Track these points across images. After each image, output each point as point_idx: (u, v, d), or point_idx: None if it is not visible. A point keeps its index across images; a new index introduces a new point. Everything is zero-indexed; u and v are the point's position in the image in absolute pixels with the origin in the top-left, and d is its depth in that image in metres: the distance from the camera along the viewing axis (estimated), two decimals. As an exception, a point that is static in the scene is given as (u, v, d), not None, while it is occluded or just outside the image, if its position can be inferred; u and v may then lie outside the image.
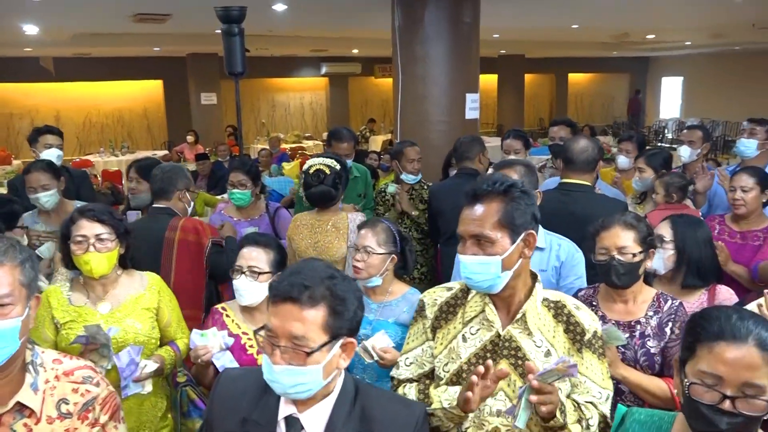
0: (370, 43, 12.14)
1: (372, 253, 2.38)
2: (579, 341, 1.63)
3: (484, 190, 1.60)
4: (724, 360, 1.19)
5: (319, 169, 2.99)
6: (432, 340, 1.74)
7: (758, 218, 3.11)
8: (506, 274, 1.59)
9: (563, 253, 2.51)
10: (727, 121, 16.70)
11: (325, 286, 1.29)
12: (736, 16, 9.08)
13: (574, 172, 2.91)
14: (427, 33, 5.48)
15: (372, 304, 2.44)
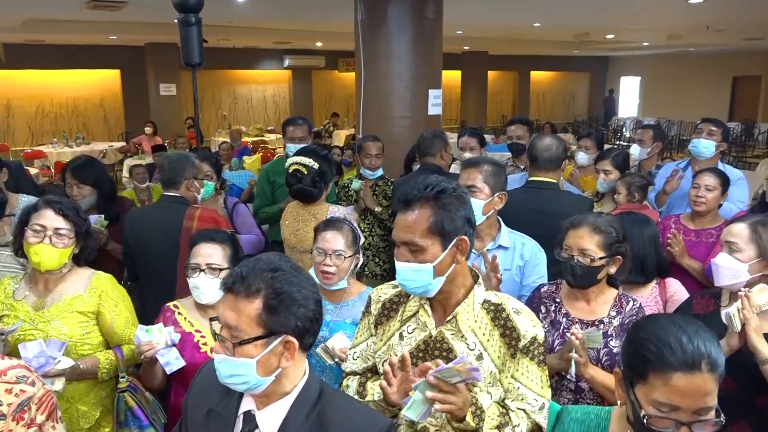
0: (334, 37, 12.04)
1: (343, 257, 2.33)
2: (514, 347, 1.60)
3: (414, 195, 1.57)
4: (682, 392, 1.19)
5: (297, 169, 3.04)
6: (375, 336, 1.74)
7: (713, 217, 3.19)
8: (439, 280, 1.58)
9: (527, 252, 2.51)
10: (682, 121, 17.17)
11: (263, 279, 1.27)
12: (692, 19, 9.33)
13: (540, 170, 2.93)
14: (391, 28, 5.45)
15: (329, 305, 2.39)
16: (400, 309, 1.71)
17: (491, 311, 1.64)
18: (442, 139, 3.77)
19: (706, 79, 18.65)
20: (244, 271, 1.29)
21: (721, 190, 3.13)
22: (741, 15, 8.85)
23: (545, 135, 3.08)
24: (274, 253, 1.41)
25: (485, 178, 2.46)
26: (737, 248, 2.05)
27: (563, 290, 2.21)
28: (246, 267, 1.31)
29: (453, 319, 1.62)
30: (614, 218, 2.18)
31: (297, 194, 3.09)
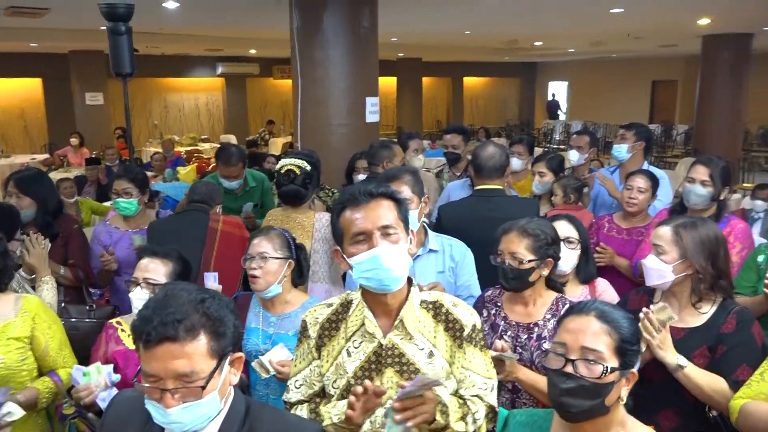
0: (268, 44, 11.92)
1: (268, 258, 2.31)
2: (459, 337, 1.67)
3: (375, 191, 1.62)
4: (568, 328, 1.39)
5: (290, 169, 3.11)
6: (318, 359, 1.71)
7: (643, 217, 3.36)
8: (409, 266, 1.62)
9: (456, 254, 2.57)
10: (607, 124, 17.95)
11: (199, 312, 1.22)
12: (613, 26, 9.79)
13: (486, 178, 3.01)
14: (327, 36, 5.45)
15: (271, 317, 2.37)
16: (341, 326, 1.70)
17: (431, 309, 1.69)
18: (388, 150, 3.76)
19: (627, 84, 19.58)
20: (176, 316, 1.20)
21: (651, 192, 3.30)
22: (657, 24, 9.37)
23: (487, 144, 3.17)
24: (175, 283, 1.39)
25: (412, 188, 2.51)
26: (662, 250, 2.14)
27: (505, 294, 2.27)
28: (170, 308, 1.21)
29: (400, 323, 1.64)
30: (546, 222, 2.26)
31: (287, 194, 3.13)
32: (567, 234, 2.59)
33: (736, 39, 10.24)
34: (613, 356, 1.37)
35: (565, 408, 1.37)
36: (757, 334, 2.05)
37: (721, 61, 10.43)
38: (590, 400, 1.35)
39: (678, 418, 2.09)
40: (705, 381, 1.96)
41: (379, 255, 1.57)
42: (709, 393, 1.96)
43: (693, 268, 2.10)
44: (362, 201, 1.60)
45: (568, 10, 7.85)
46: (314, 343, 1.71)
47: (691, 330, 2.09)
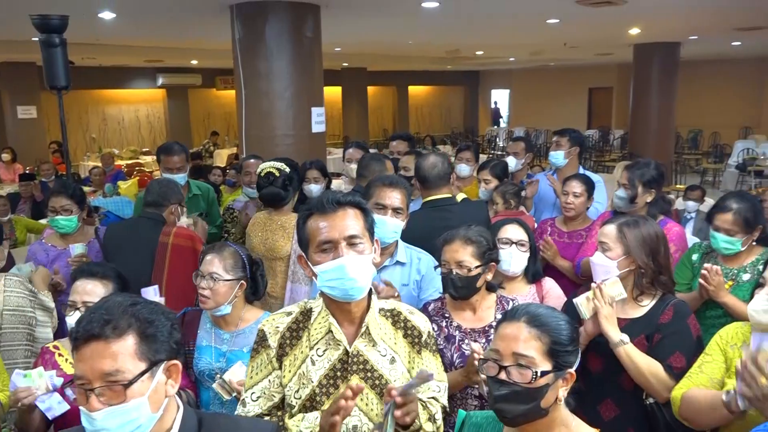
0: (210, 54, 11.73)
1: (219, 280, 2.26)
2: (418, 343, 1.72)
3: (342, 199, 1.64)
4: (501, 335, 1.43)
5: (270, 171, 3.17)
6: (279, 369, 1.68)
7: (582, 220, 3.48)
8: (373, 275, 1.65)
9: (423, 267, 2.57)
10: (548, 130, 18.47)
11: (128, 314, 1.22)
12: (551, 36, 10.11)
13: (433, 188, 3.01)
14: (269, 47, 5.43)
15: (224, 335, 2.33)
16: (303, 335, 1.68)
17: (389, 317, 1.74)
18: (381, 163, 3.66)
19: (566, 91, 20.23)
20: (105, 315, 1.21)
21: (587, 195, 3.42)
22: (591, 34, 9.75)
23: (428, 154, 3.17)
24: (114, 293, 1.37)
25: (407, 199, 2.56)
26: (608, 247, 2.25)
27: (449, 304, 2.30)
28: (101, 311, 1.22)
29: (366, 331, 1.66)
30: (482, 228, 2.32)
31: (267, 196, 3.19)
32: (519, 237, 2.68)
33: (664, 48, 10.75)
34: (545, 360, 1.39)
35: (501, 414, 1.41)
36: (692, 325, 2.16)
37: (652, 69, 10.93)
38: (524, 404, 1.37)
39: (617, 406, 2.18)
40: (643, 361, 2.06)
41: (344, 265, 1.58)
42: (645, 373, 2.04)
43: (636, 264, 2.21)
44: (329, 209, 1.62)
45: (507, 20, 8.07)
46: (275, 353, 1.68)
47: (632, 321, 2.19)
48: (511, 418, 1.40)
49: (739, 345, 1.94)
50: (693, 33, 9.84)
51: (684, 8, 7.08)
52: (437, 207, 2.98)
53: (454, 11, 7.09)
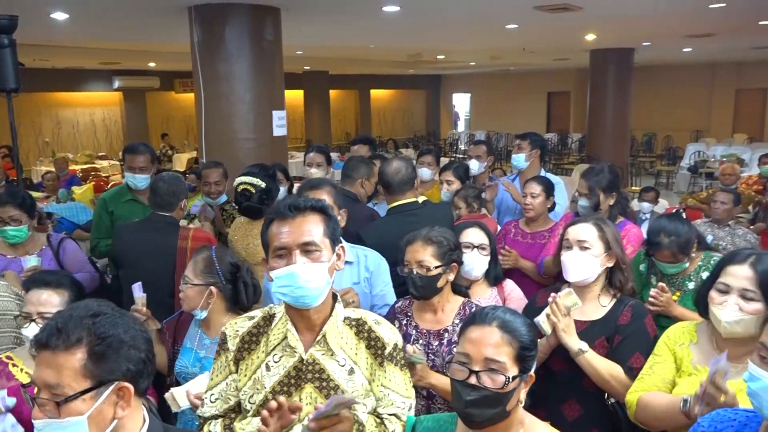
0: (168, 57, 11.53)
1: (188, 284, 2.27)
2: (380, 355, 1.67)
3: (303, 204, 1.62)
4: (471, 339, 1.42)
5: (245, 188, 3.26)
6: (235, 373, 1.67)
7: (544, 221, 3.53)
8: (329, 283, 1.62)
9: (371, 264, 2.59)
10: (508, 133, 18.76)
11: (83, 326, 1.17)
12: (510, 41, 10.28)
13: (397, 193, 3.02)
14: (229, 50, 5.37)
15: (206, 340, 2.31)
16: (262, 340, 1.66)
17: (354, 326, 1.69)
18: (368, 167, 3.64)
19: (525, 95, 20.59)
20: (59, 323, 1.17)
21: (545, 195, 3.47)
22: (549, 39, 9.94)
23: (391, 159, 3.17)
24: (92, 299, 1.31)
25: (335, 199, 2.55)
26: (589, 245, 2.25)
27: (414, 304, 2.33)
28: (61, 318, 1.18)
29: (322, 339, 1.63)
30: (446, 229, 2.34)
31: (246, 211, 3.30)
32: (480, 241, 2.71)
33: (619, 53, 11.04)
34: (514, 365, 1.40)
35: (469, 418, 1.41)
36: (649, 325, 2.22)
37: (608, 74, 11.21)
38: (493, 408, 1.39)
39: (580, 406, 2.21)
40: (603, 366, 2.09)
41: (295, 272, 1.56)
42: (606, 377, 2.08)
43: (614, 260, 2.25)
44: (288, 215, 1.60)
45: (467, 25, 8.16)
46: (232, 356, 1.67)
47: (592, 323, 2.23)
48: (480, 422, 1.40)
49: (686, 344, 1.98)
50: (646, 39, 10.14)
51: (637, 15, 7.28)
52: (403, 212, 2.99)
53: (415, 15, 7.13)
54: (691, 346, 1.98)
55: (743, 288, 1.85)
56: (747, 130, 16.63)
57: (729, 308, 1.85)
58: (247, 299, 2.36)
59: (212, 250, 2.38)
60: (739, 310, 1.83)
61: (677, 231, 2.57)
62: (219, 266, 2.32)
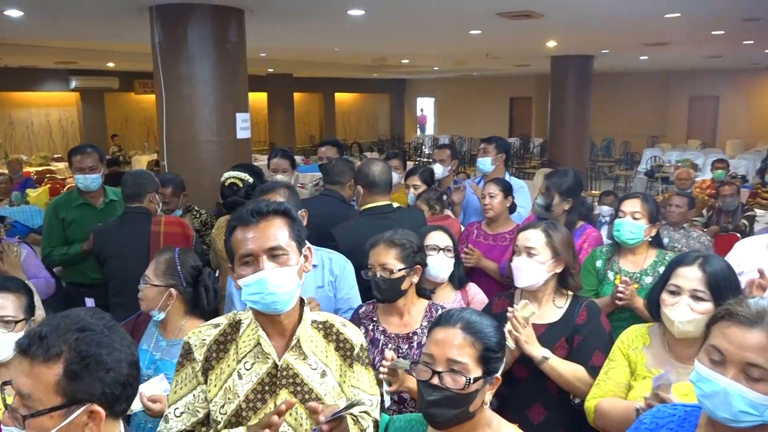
0: (128, 57, 11.29)
1: (147, 284, 2.24)
2: (350, 357, 1.69)
3: (266, 209, 1.60)
4: (436, 340, 1.43)
5: (233, 182, 3.35)
6: (204, 384, 1.62)
7: (506, 222, 3.58)
8: (299, 287, 1.60)
9: (336, 267, 2.58)
10: (471, 138, 18.96)
11: (66, 340, 1.11)
12: (473, 47, 10.40)
13: (380, 194, 3.00)
14: (191, 51, 5.28)
15: (162, 341, 2.26)
16: (231, 348, 1.63)
17: (321, 329, 1.69)
18: (353, 170, 3.58)
19: (488, 100, 20.86)
20: (44, 331, 1.11)
21: (503, 196, 3.51)
22: (511, 45, 10.10)
23: (372, 161, 3.13)
24: (86, 308, 1.25)
25: (287, 201, 2.49)
26: (536, 252, 2.29)
27: (379, 308, 2.32)
28: (48, 326, 1.13)
29: (297, 343, 1.62)
30: (409, 232, 2.35)
31: (230, 205, 3.35)
32: (446, 243, 2.72)
33: (579, 60, 11.28)
34: (477, 366, 1.41)
35: (431, 418, 1.43)
36: (604, 322, 2.28)
37: (568, 80, 11.43)
38: (455, 409, 1.40)
39: (545, 410, 2.24)
40: (567, 369, 2.13)
41: (264, 278, 1.54)
42: (571, 380, 2.12)
43: (563, 265, 2.28)
44: (251, 221, 1.57)
45: (431, 30, 8.22)
46: (200, 367, 1.62)
47: (550, 325, 2.26)
48: (442, 422, 1.41)
49: (639, 348, 2.03)
50: (605, 47, 10.39)
51: (596, 24, 7.46)
52: (377, 214, 2.97)
53: (380, 20, 7.15)
54: (644, 350, 2.02)
55: (693, 289, 1.91)
56: (700, 136, 17.21)
57: (681, 309, 1.90)
58: (208, 303, 2.33)
59: (175, 252, 2.34)
60: (690, 311, 1.89)
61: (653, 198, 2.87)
62: (180, 268, 2.29)
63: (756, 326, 1.28)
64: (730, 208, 5.97)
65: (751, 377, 1.27)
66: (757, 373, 1.27)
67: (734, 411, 1.27)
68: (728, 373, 1.29)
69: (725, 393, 1.28)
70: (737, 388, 1.27)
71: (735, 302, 1.36)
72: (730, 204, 5.96)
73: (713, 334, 1.35)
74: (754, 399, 1.26)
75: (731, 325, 1.31)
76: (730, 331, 1.31)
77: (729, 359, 1.29)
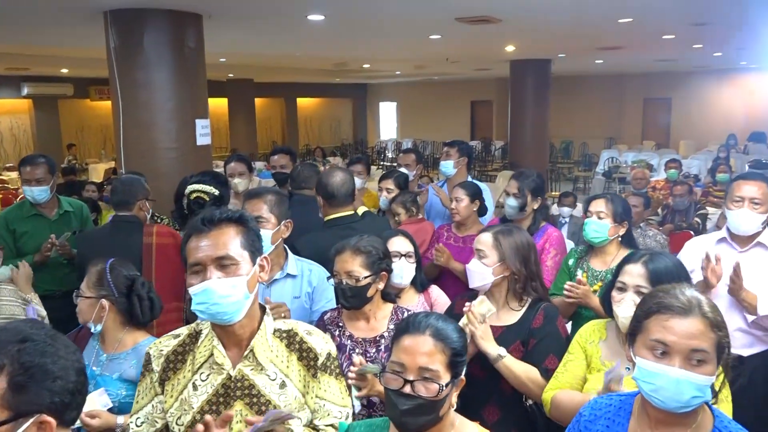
0: (82, 63, 11.01)
1: (81, 297, 2.19)
2: (313, 366, 1.65)
3: (218, 217, 1.58)
4: (404, 349, 1.43)
5: (198, 196, 3.24)
6: (161, 394, 1.61)
7: (474, 224, 3.62)
8: (249, 299, 1.57)
9: (315, 278, 2.56)
10: (434, 141, 19.10)
11: (7, 353, 1.08)
12: (433, 51, 10.49)
13: (340, 206, 2.94)
14: (148, 56, 5.19)
15: (102, 356, 2.20)
16: (188, 359, 1.61)
17: (284, 338, 1.66)
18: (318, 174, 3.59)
19: (450, 104, 21.06)
20: None
21: (470, 199, 3.56)
22: (471, 49, 10.23)
23: (333, 171, 3.05)
24: (25, 320, 1.21)
25: (270, 208, 2.49)
26: (484, 254, 2.35)
27: (344, 313, 2.31)
28: None
29: (250, 353, 1.59)
30: (374, 238, 2.35)
31: None
32: (407, 249, 2.74)
33: (537, 64, 11.49)
34: (447, 372, 1.42)
35: (404, 427, 1.42)
36: (561, 327, 2.32)
37: (527, 84, 11.63)
38: (428, 415, 1.41)
39: (499, 410, 2.27)
40: (521, 370, 2.17)
41: (209, 288, 1.51)
42: (524, 381, 2.16)
43: (509, 270, 2.32)
44: (204, 229, 1.55)
45: (391, 35, 8.27)
46: (157, 377, 1.60)
47: (507, 328, 2.30)
48: (414, 429, 1.42)
49: (595, 341, 2.10)
50: (561, 51, 10.61)
51: (552, 28, 7.62)
52: (340, 225, 2.92)
53: (340, 25, 7.16)
54: (600, 343, 2.08)
55: (637, 285, 1.99)
56: (654, 137, 17.72)
57: (625, 304, 1.98)
58: (143, 314, 2.27)
59: (107, 263, 2.28)
60: (634, 306, 1.95)
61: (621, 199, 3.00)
62: (111, 279, 2.24)
63: (690, 314, 1.36)
64: (683, 207, 6.16)
65: (695, 363, 1.34)
66: (700, 356, 1.34)
67: (686, 398, 1.34)
68: (675, 363, 1.35)
69: (677, 383, 1.34)
70: (686, 376, 1.33)
71: (663, 295, 1.42)
72: (681, 203, 6.15)
73: (651, 329, 1.40)
74: (700, 382, 1.33)
75: (670, 318, 1.37)
76: (670, 324, 1.37)
77: (674, 350, 1.35)
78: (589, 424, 1.55)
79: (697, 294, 1.42)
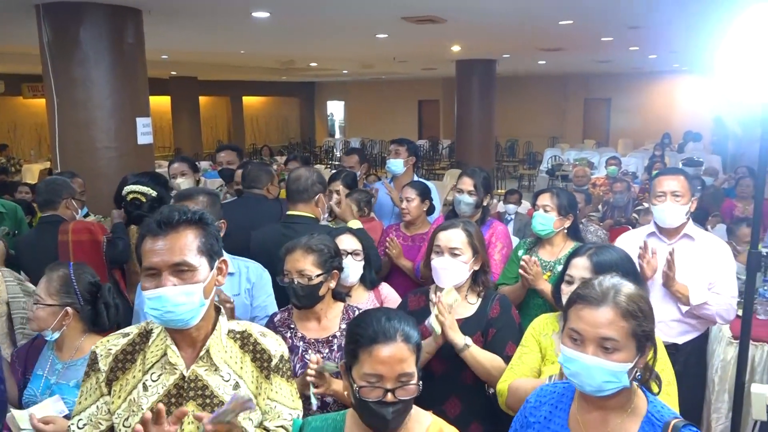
0: (13, 59, 10.53)
1: (39, 303, 2.10)
2: (266, 368, 1.64)
3: (176, 218, 1.52)
4: (381, 360, 1.44)
5: (135, 197, 3.20)
6: (108, 395, 1.55)
7: (423, 224, 3.66)
8: (205, 304, 1.53)
9: (252, 275, 2.55)
10: (382, 140, 19.16)
11: None
12: (380, 51, 10.53)
13: (296, 203, 2.94)
14: (85, 52, 5.01)
15: (57, 364, 2.13)
16: (138, 358, 1.56)
17: (238, 339, 1.64)
18: (269, 174, 3.64)
19: (398, 103, 21.18)
20: None
21: (420, 199, 3.60)
22: (417, 49, 10.31)
23: (295, 171, 3.07)
24: None
25: (205, 207, 2.46)
26: (460, 252, 2.34)
27: (295, 314, 2.29)
28: None
29: (206, 354, 1.56)
30: (325, 237, 2.34)
31: (137, 221, 3.22)
32: (354, 247, 2.72)
33: (482, 64, 11.69)
34: (415, 368, 1.48)
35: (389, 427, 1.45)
36: (515, 315, 2.40)
37: (473, 83, 11.81)
38: (408, 412, 1.48)
39: (460, 403, 2.30)
40: (486, 358, 2.20)
41: (164, 295, 1.47)
42: (489, 368, 2.19)
43: (480, 262, 2.36)
44: (160, 232, 1.49)
45: (338, 34, 8.24)
46: (104, 377, 1.54)
47: (466, 320, 2.32)
48: (395, 427, 1.46)
49: (549, 334, 2.15)
50: (505, 51, 10.83)
51: (495, 29, 7.77)
52: (290, 224, 2.91)
53: (285, 22, 7.09)
54: (553, 336, 2.14)
55: (582, 277, 2.05)
56: (595, 135, 18.32)
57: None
58: (109, 320, 2.21)
59: (69, 267, 2.20)
60: None
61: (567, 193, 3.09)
62: (78, 286, 2.16)
63: (602, 304, 1.44)
64: (622, 203, 6.39)
65: (606, 350, 1.42)
66: (611, 344, 1.42)
67: (598, 383, 1.43)
68: (588, 350, 1.43)
69: (588, 368, 1.43)
70: (597, 362, 1.42)
71: (583, 286, 1.52)
72: (620, 199, 6.38)
73: (570, 318, 1.50)
74: (612, 368, 1.41)
75: (583, 307, 1.46)
76: (583, 313, 1.46)
77: (586, 338, 1.44)
78: (534, 410, 1.62)
79: (623, 284, 1.48)
